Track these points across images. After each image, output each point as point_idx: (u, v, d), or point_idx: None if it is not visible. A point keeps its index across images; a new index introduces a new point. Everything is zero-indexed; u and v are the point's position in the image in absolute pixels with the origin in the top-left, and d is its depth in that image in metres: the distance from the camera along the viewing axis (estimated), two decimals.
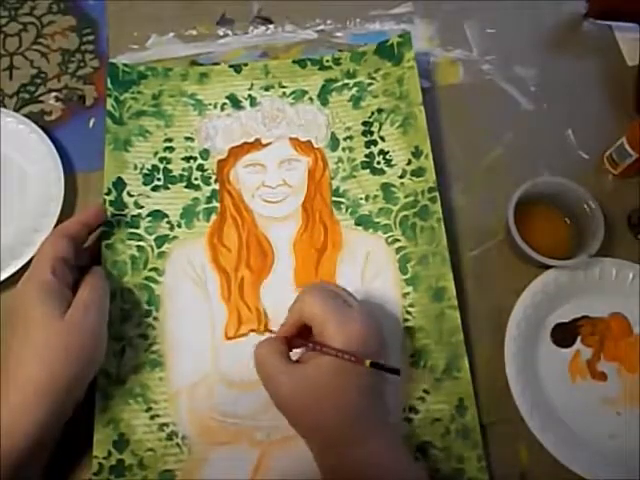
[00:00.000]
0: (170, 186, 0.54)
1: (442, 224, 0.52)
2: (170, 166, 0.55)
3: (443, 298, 0.50)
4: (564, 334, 0.51)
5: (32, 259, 0.50)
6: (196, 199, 0.54)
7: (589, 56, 0.63)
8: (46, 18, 0.63)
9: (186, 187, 0.54)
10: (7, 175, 0.55)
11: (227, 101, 0.58)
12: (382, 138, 0.56)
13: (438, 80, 0.61)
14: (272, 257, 0.52)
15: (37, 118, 0.58)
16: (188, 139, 0.56)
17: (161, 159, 0.55)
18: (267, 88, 0.59)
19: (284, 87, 0.59)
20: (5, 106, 0.58)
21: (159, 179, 0.54)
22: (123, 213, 0.52)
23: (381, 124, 0.57)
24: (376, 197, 0.54)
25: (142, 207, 0.53)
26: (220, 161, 0.56)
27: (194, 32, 0.63)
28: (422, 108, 0.56)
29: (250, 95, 0.58)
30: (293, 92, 0.58)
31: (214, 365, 0.49)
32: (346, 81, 0.59)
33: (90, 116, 0.58)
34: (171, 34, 0.63)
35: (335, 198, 0.54)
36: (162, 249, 0.52)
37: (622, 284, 0.52)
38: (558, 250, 0.51)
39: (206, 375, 0.48)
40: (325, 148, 0.56)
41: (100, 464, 0.45)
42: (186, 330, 0.50)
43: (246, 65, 0.59)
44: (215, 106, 0.58)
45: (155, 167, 0.55)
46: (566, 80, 0.61)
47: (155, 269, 0.51)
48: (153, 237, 0.52)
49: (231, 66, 0.59)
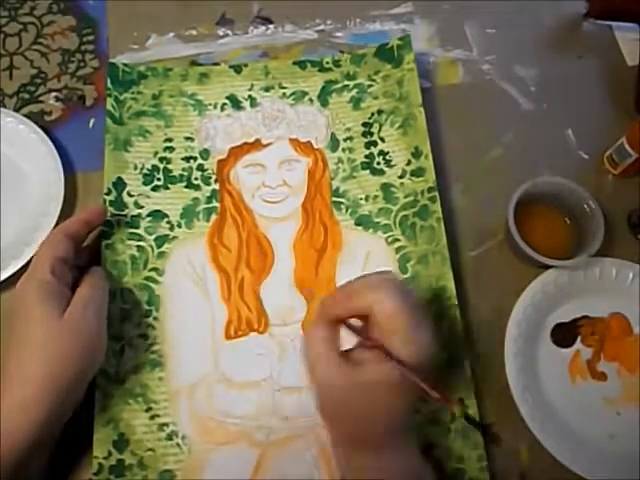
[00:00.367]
0: (170, 186, 0.54)
1: (442, 224, 0.52)
2: (170, 166, 0.55)
3: (443, 297, 0.50)
4: (564, 334, 0.51)
5: (32, 259, 0.51)
6: (196, 199, 0.54)
7: (589, 56, 0.63)
8: (46, 18, 0.63)
9: (186, 187, 0.54)
10: (7, 175, 0.55)
11: (227, 101, 0.58)
12: (382, 139, 0.56)
13: (438, 80, 0.61)
14: (272, 257, 0.52)
15: (37, 118, 0.58)
16: (188, 139, 0.56)
17: (161, 159, 0.55)
18: (267, 89, 0.59)
19: (284, 88, 0.59)
20: (5, 106, 0.58)
21: (159, 179, 0.54)
22: (123, 213, 0.52)
23: (381, 125, 0.57)
24: (376, 197, 0.54)
25: (142, 207, 0.53)
26: (220, 161, 0.56)
27: (194, 32, 0.63)
28: (422, 109, 0.56)
29: (250, 96, 0.58)
30: (293, 93, 0.58)
31: (214, 365, 0.48)
32: (346, 83, 0.59)
33: (90, 116, 0.58)
34: (171, 34, 0.63)
35: (335, 198, 0.54)
36: (162, 249, 0.52)
37: (622, 284, 0.52)
38: (558, 250, 0.51)
39: (206, 375, 0.48)
40: (325, 149, 0.56)
41: (100, 464, 0.45)
42: (186, 330, 0.50)
43: (246, 66, 0.59)
44: (215, 106, 0.58)
45: (155, 167, 0.55)
46: (566, 80, 0.61)
47: (155, 269, 0.51)
48: (153, 237, 0.52)
49: (231, 67, 0.59)
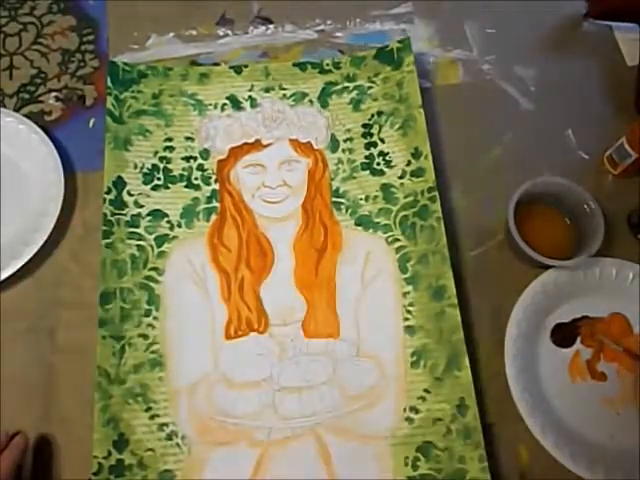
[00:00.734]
0: (170, 186, 0.54)
1: (442, 223, 0.52)
2: (170, 166, 0.55)
3: (443, 297, 0.50)
4: (564, 334, 0.51)
5: (32, 259, 0.51)
6: (196, 199, 0.54)
7: (589, 56, 0.63)
8: (46, 18, 0.63)
9: (186, 187, 0.54)
10: (7, 175, 0.55)
11: (227, 102, 0.58)
12: (382, 140, 0.56)
13: (438, 80, 0.61)
14: (272, 257, 0.52)
15: (37, 118, 0.58)
16: (188, 139, 0.56)
17: (161, 158, 0.55)
18: (267, 90, 0.59)
19: (284, 89, 0.59)
20: (5, 106, 0.58)
21: (159, 178, 0.54)
22: (123, 212, 0.52)
23: (381, 126, 0.57)
24: (376, 197, 0.54)
25: (142, 206, 0.53)
26: (220, 161, 0.56)
27: (194, 32, 0.63)
28: (422, 111, 0.56)
29: (250, 96, 0.58)
30: (293, 94, 0.58)
31: (214, 365, 0.48)
32: (346, 84, 0.59)
33: (90, 116, 0.58)
34: (171, 34, 0.63)
35: (335, 199, 0.54)
36: (162, 249, 0.52)
37: (622, 284, 0.52)
38: (558, 250, 0.51)
39: (206, 375, 0.48)
40: (325, 149, 0.56)
41: (100, 464, 0.45)
42: (186, 330, 0.50)
43: (246, 66, 0.59)
44: (215, 106, 0.58)
45: (155, 166, 0.55)
46: (566, 80, 0.61)
47: (155, 269, 0.51)
48: (153, 237, 0.52)
49: (231, 67, 0.59)
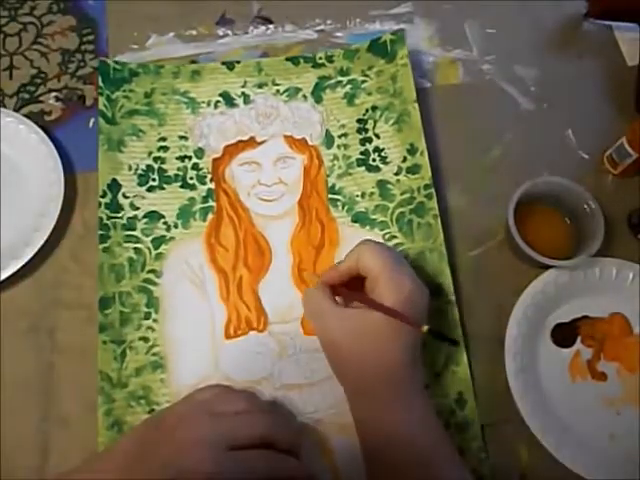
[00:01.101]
0: (165, 186, 0.54)
1: (438, 221, 0.52)
2: (165, 166, 0.55)
3: (441, 294, 0.50)
4: (564, 334, 0.51)
5: (32, 259, 0.51)
6: (192, 199, 0.54)
7: (589, 56, 0.63)
8: (46, 18, 0.63)
9: (181, 187, 0.54)
10: (7, 175, 0.55)
11: (220, 99, 0.58)
12: (377, 135, 0.56)
13: (438, 80, 0.61)
14: (270, 255, 0.52)
15: (37, 118, 0.57)
16: (182, 138, 0.56)
17: (155, 159, 0.55)
18: (260, 85, 0.58)
19: (277, 85, 0.58)
20: (5, 106, 0.58)
21: (154, 179, 0.54)
22: (119, 215, 0.52)
23: (375, 121, 0.57)
24: (372, 194, 0.54)
25: (138, 208, 0.53)
26: (215, 160, 0.55)
27: (194, 32, 0.63)
28: (416, 105, 0.56)
29: (243, 93, 0.58)
30: (287, 90, 0.58)
31: (215, 365, 0.49)
32: (340, 78, 0.59)
33: (90, 116, 0.58)
34: (171, 34, 0.63)
35: (331, 195, 0.54)
36: (159, 250, 0.52)
37: (622, 284, 0.52)
38: (558, 250, 0.51)
39: (207, 375, 0.48)
40: (320, 146, 0.56)
41: None
42: (186, 331, 0.50)
43: (239, 63, 0.59)
44: (208, 104, 0.57)
45: (150, 167, 0.54)
46: (566, 80, 0.61)
47: (153, 271, 0.51)
48: (150, 239, 0.52)
49: (223, 63, 0.59)
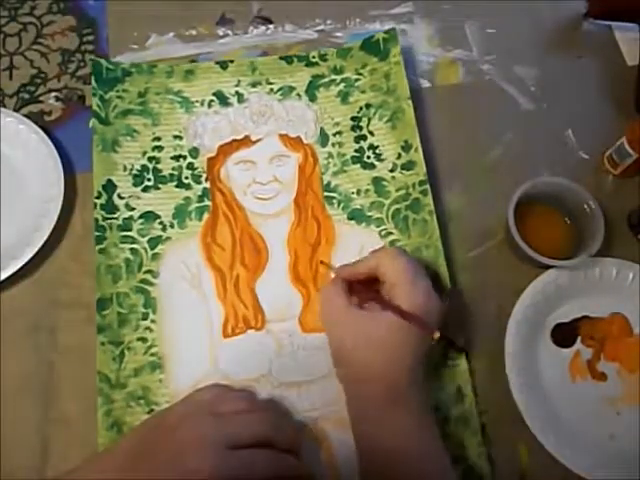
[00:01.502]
0: (161, 186, 0.54)
1: (434, 217, 0.52)
2: (160, 166, 0.55)
3: (438, 290, 0.50)
4: (564, 334, 0.51)
5: (32, 259, 0.51)
6: (187, 198, 0.54)
7: (589, 56, 0.63)
8: (46, 18, 0.63)
9: (177, 186, 0.54)
10: (7, 175, 0.55)
11: (214, 98, 0.57)
12: (371, 133, 0.56)
13: (438, 80, 0.61)
14: (266, 254, 0.52)
15: (37, 118, 0.57)
16: (176, 137, 0.56)
17: (150, 159, 0.55)
18: (254, 84, 0.58)
19: (271, 83, 0.58)
20: (5, 106, 0.58)
21: (149, 179, 0.54)
22: (115, 216, 0.52)
23: (370, 119, 0.57)
24: (367, 191, 0.54)
25: (134, 209, 0.53)
26: (210, 159, 0.55)
27: (194, 32, 0.63)
28: (410, 102, 0.56)
29: (237, 92, 0.58)
30: (280, 88, 0.58)
31: (213, 364, 0.48)
32: (333, 77, 0.59)
33: (90, 116, 0.58)
34: (171, 34, 0.63)
35: (327, 193, 0.54)
36: (156, 250, 0.52)
37: (622, 284, 0.52)
38: (558, 250, 0.51)
39: (206, 374, 0.48)
40: (315, 144, 0.56)
41: None
42: (184, 331, 0.50)
43: (232, 62, 0.59)
44: (202, 103, 0.57)
45: (145, 167, 0.54)
46: (566, 80, 0.61)
47: (150, 271, 0.51)
48: (146, 239, 0.52)
49: (217, 62, 0.59)
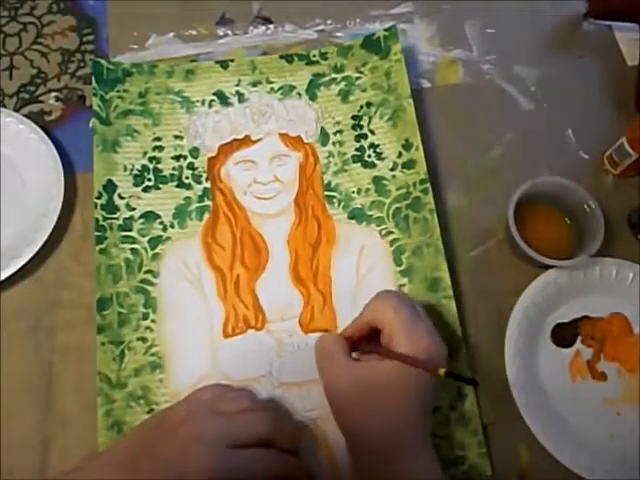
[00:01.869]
0: (161, 186, 0.54)
1: (435, 215, 0.52)
2: (160, 166, 0.55)
3: (439, 289, 0.50)
4: (564, 334, 0.51)
5: (32, 259, 0.51)
6: (188, 198, 0.54)
7: (589, 56, 0.63)
8: (46, 18, 0.63)
9: (177, 186, 0.54)
10: (7, 175, 0.55)
11: (215, 98, 0.57)
12: (372, 131, 0.56)
13: (438, 80, 0.61)
14: (267, 254, 0.52)
15: (37, 118, 0.57)
16: (177, 137, 0.56)
17: (151, 159, 0.55)
18: (255, 84, 0.58)
19: (272, 83, 0.58)
20: (5, 106, 0.58)
21: (150, 179, 0.54)
22: (115, 216, 0.52)
23: (370, 118, 0.57)
24: (368, 190, 0.54)
25: (134, 209, 0.53)
26: (210, 159, 0.55)
27: (194, 32, 0.63)
28: (411, 101, 0.56)
29: (238, 91, 0.58)
30: (281, 87, 0.58)
31: (213, 364, 0.48)
32: (334, 75, 0.59)
33: (90, 116, 0.58)
34: (171, 34, 0.63)
35: (327, 192, 0.54)
36: (156, 250, 0.52)
37: (622, 284, 0.52)
38: (558, 250, 0.51)
39: (206, 374, 0.48)
40: (315, 143, 0.56)
41: None
42: (184, 330, 0.50)
43: (232, 61, 0.59)
44: (203, 103, 0.57)
45: (145, 167, 0.54)
46: (566, 80, 0.61)
47: (150, 271, 0.51)
48: (146, 239, 0.52)
49: (217, 62, 0.59)
